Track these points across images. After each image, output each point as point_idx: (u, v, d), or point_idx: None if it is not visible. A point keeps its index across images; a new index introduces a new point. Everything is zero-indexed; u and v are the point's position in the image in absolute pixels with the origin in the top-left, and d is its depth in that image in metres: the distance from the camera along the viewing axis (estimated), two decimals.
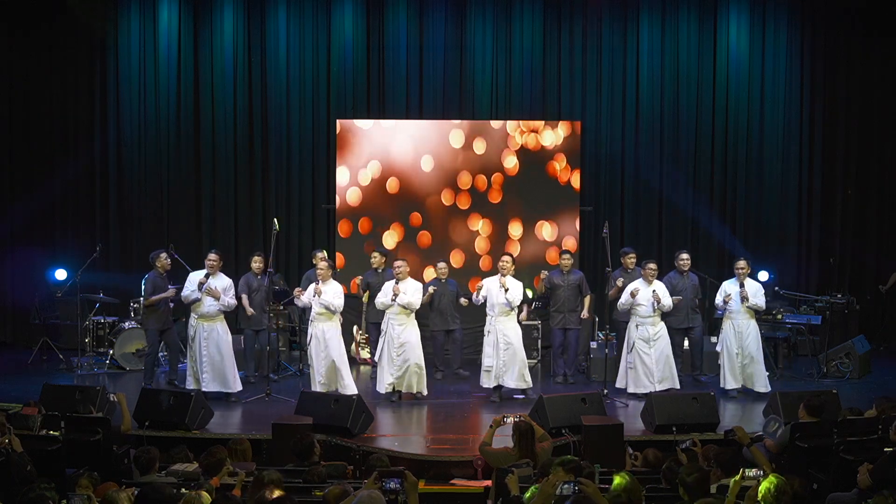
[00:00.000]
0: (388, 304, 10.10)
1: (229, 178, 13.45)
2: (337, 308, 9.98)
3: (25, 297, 13.04)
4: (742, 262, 10.55)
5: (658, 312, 10.27)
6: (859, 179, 13.72)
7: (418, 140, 12.88)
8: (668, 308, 10.33)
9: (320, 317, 9.92)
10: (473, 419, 9.57)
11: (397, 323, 10.10)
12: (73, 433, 7.34)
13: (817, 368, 11.42)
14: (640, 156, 13.44)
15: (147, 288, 10.67)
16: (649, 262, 10.48)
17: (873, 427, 7.15)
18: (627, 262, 11.06)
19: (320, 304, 9.88)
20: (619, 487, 5.18)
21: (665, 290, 10.37)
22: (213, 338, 10.02)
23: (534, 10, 13.28)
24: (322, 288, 9.91)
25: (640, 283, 10.38)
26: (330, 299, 9.87)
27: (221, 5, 13.27)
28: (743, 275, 10.44)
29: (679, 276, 10.90)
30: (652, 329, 10.24)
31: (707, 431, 8.50)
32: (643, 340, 10.20)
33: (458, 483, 7.60)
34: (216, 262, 10.18)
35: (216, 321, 10.11)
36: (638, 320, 10.27)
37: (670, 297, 10.37)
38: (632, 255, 11.11)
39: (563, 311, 10.98)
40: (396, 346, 10.04)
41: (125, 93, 13.37)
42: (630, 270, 10.97)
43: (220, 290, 10.05)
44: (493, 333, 10.12)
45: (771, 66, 13.43)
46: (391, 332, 10.09)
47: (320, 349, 9.89)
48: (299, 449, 7.06)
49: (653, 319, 10.25)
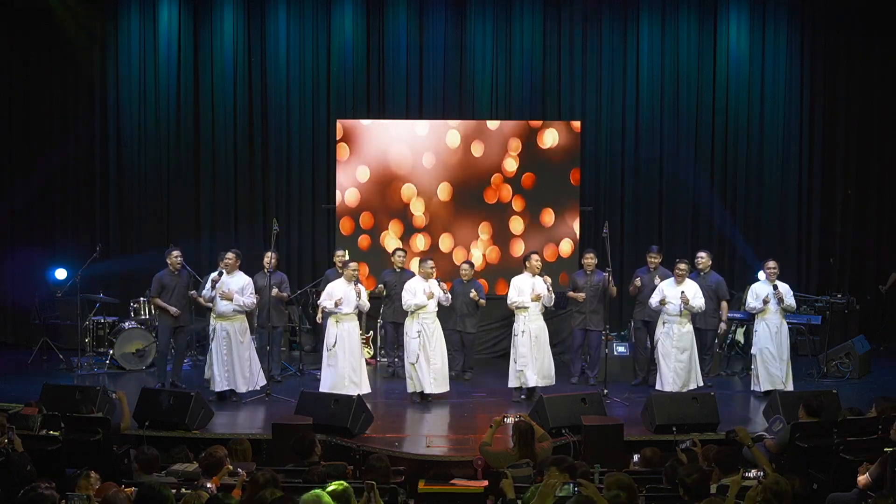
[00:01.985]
0: (422, 304, 10.01)
1: (229, 178, 13.45)
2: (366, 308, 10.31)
3: (25, 297, 13.04)
4: (773, 263, 10.47)
5: (686, 313, 10.16)
6: (859, 179, 13.72)
7: (418, 140, 12.87)
8: (698, 309, 10.19)
9: (346, 316, 9.94)
10: (473, 419, 9.57)
11: (430, 321, 10.08)
12: (73, 433, 7.35)
13: (817, 368, 11.42)
14: (640, 156, 13.44)
15: (154, 286, 10.62)
16: (680, 262, 10.33)
17: (873, 427, 7.16)
18: (651, 260, 10.96)
19: (357, 305, 9.98)
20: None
21: (696, 291, 10.19)
22: (229, 338, 9.97)
23: (534, 10, 13.29)
24: (360, 288, 10.07)
25: (669, 283, 10.31)
26: (365, 300, 10.11)
27: (221, 5, 13.27)
28: (774, 275, 10.39)
29: (697, 275, 10.79)
30: (678, 328, 10.14)
31: (707, 431, 8.50)
32: (669, 338, 10.13)
33: (458, 483, 7.59)
34: (231, 261, 10.08)
35: (234, 321, 10.01)
36: (665, 318, 10.19)
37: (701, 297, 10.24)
38: (654, 254, 11.00)
39: (585, 312, 10.87)
40: (433, 345, 10.02)
41: (125, 93, 13.37)
42: (653, 269, 10.90)
43: (236, 290, 9.95)
44: (528, 333, 10.06)
45: (771, 66, 13.43)
46: (426, 331, 10.01)
47: (345, 347, 9.89)
48: (300, 447, 7.06)
49: (680, 319, 10.14)
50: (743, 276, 12.79)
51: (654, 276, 10.76)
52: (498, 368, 11.53)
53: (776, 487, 5.10)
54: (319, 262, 13.30)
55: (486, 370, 11.77)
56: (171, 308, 10.51)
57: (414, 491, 7.39)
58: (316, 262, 13.37)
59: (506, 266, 12.63)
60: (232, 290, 9.94)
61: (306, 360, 11.90)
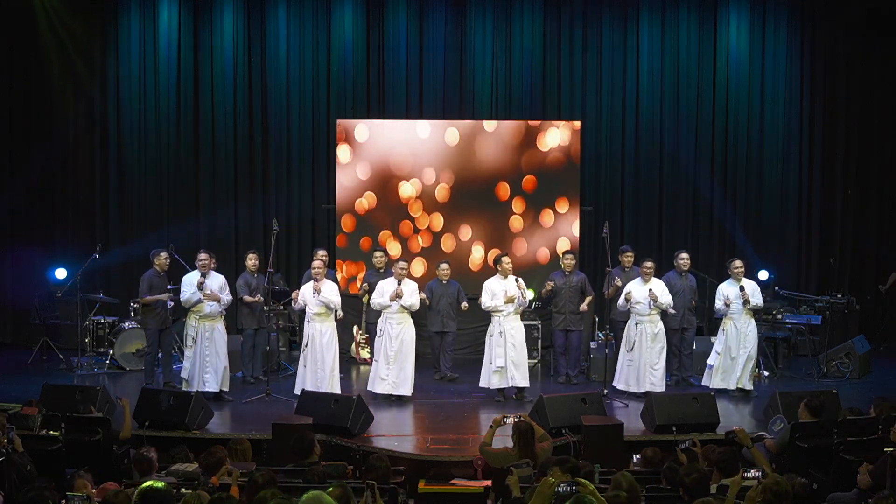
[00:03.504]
0: (385, 304, 10.11)
1: (229, 178, 13.45)
2: (336, 305, 9.97)
3: (25, 297, 13.03)
4: (738, 262, 10.57)
5: (656, 310, 10.27)
6: (859, 179, 13.72)
7: (418, 140, 12.87)
8: (667, 305, 10.30)
9: (317, 317, 9.90)
10: (473, 419, 9.57)
11: (395, 322, 10.11)
12: (73, 433, 7.35)
13: (817, 368, 11.42)
14: (640, 156, 13.44)
15: (143, 287, 10.66)
16: (646, 261, 10.46)
17: (873, 427, 7.16)
18: (625, 260, 11.05)
19: (319, 302, 9.85)
20: None
21: (663, 288, 10.35)
22: (215, 338, 10.01)
23: (534, 10, 13.29)
24: (320, 286, 9.89)
25: (637, 282, 10.39)
26: (329, 296, 9.89)
27: (221, 5, 13.28)
28: (739, 275, 10.44)
29: (678, 276, 10.89)
30: (651, 327, 10.23)
31: (707, 431, 8.51)
32: (641, 338, 10.19)
33: (458, 483, 7.60)
34: (207, 261, 10.13)
35: (217, 321, 10.10)
36: (637, 318, 10.27)
37: (669, 295, 10.35)
38: (629, 253, 11.11)
39: (565, 313, 10.94)
40: (393, 346, 10.04)
41: (125, 93, 13.38)
42: (628, 269, 10.97)
43: (216, 289, 10.02)
44: (504, 334, 10.10)
45: (771, 66, 13.43)
46: (389, 331, 10.08)
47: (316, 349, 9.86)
48: (300, 447, 7.06)
49: (651, 317, 10.24)
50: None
51: (630, 275, 10.78)
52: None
53: (776, 487, 5.10)
54: None
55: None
56: (163, 294, 10.56)
57: (414, 491, 7.40)
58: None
59: None
60: (215, 291, 9.99)
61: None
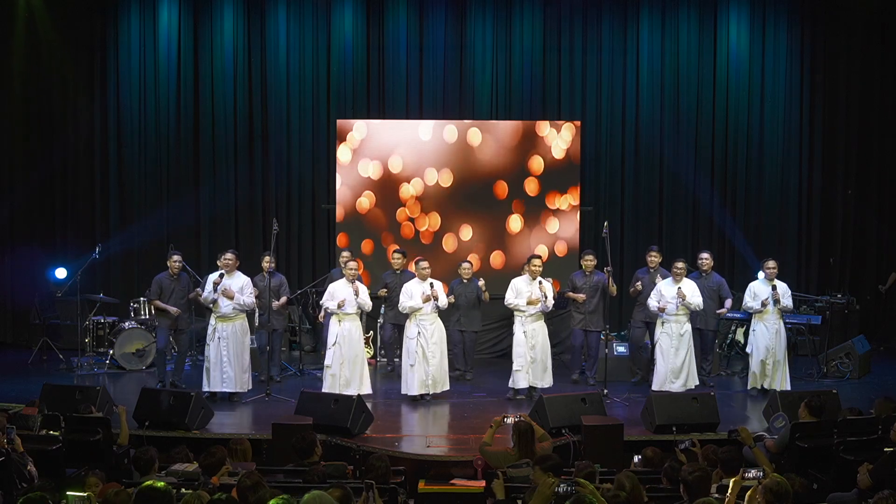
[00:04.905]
0: (417, 307, 10.04)
1: (229, 178, 13.45)
2: (369, 306, 10.30)
3: (25, 297, 13.02)
4: (772, 262, 10.46)
5: (684, 310, 10.18)
6: (859, 179, 13.72)
7: (418, 140, 12.87)
8: (695, 306, 10.20)
9: (347, 316, 9.98)
10: (473, 419, 9.56)
11: (428, 323, 10.08)
12: (73, 433, 7.35)
13: (817, 368, 11.42)
14: (640, 156, 13.44)
15: (153, 288, 10.63)
16: (678, 261, 10.35)
17: (873, 427, 7.16)
18: (652, 259, 10.95)
19: (357, 304, 10.00)
20: None
21: (693, 289, 10.21)
22: (232, 339, 9.98)
23: (534, 9, 13.29)
24: (358, 287, 10.06)
25: (667, 282, 10.32)
26: (365, 298, 10.11)
27: (221, 5, 13.28)
28: (773, 275, 10.39)
29: (699, 276, 10.80)
30: (677, 328, 10.15)
31: (707, 431, 8.50)
32: (668, 337, 10.13)
33: (458, 483, 7.60)
34: (231, 262, 10.09)
35: (235, 321, 10.04)
36: (664, 317, 10.19)
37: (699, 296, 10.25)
38: (654, 253, 10.99)
39: (584, 313, 10.88)
40: (431, 346, 10.03)
41: (125, 93, 13.38)
42: (653, 269, 10.89)
43: (236, 290, 9.97)
44: (527, 334, 10.10)
45: (771, 66, 13.43)
46: (425, 332, 10.04)
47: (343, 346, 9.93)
48: (301, 446, 7.05)
49: (678, 318, 10.16)
50: (743, 276, 12.75)
51: (655, 275, 10.75)
52: (498, 368, 11.54)
53: (776, 487, 5.09)
54: (319, 262, 13.32)
55: (487, 370, 11.76)
56: (171, 308, 10.53)
57: (414, 491, 7.40)
58: (316, 262, 13.39)
59: (506, 266, 12.66)
60: (233, 290, 9.96)
61: (306, 360, 11.89)
